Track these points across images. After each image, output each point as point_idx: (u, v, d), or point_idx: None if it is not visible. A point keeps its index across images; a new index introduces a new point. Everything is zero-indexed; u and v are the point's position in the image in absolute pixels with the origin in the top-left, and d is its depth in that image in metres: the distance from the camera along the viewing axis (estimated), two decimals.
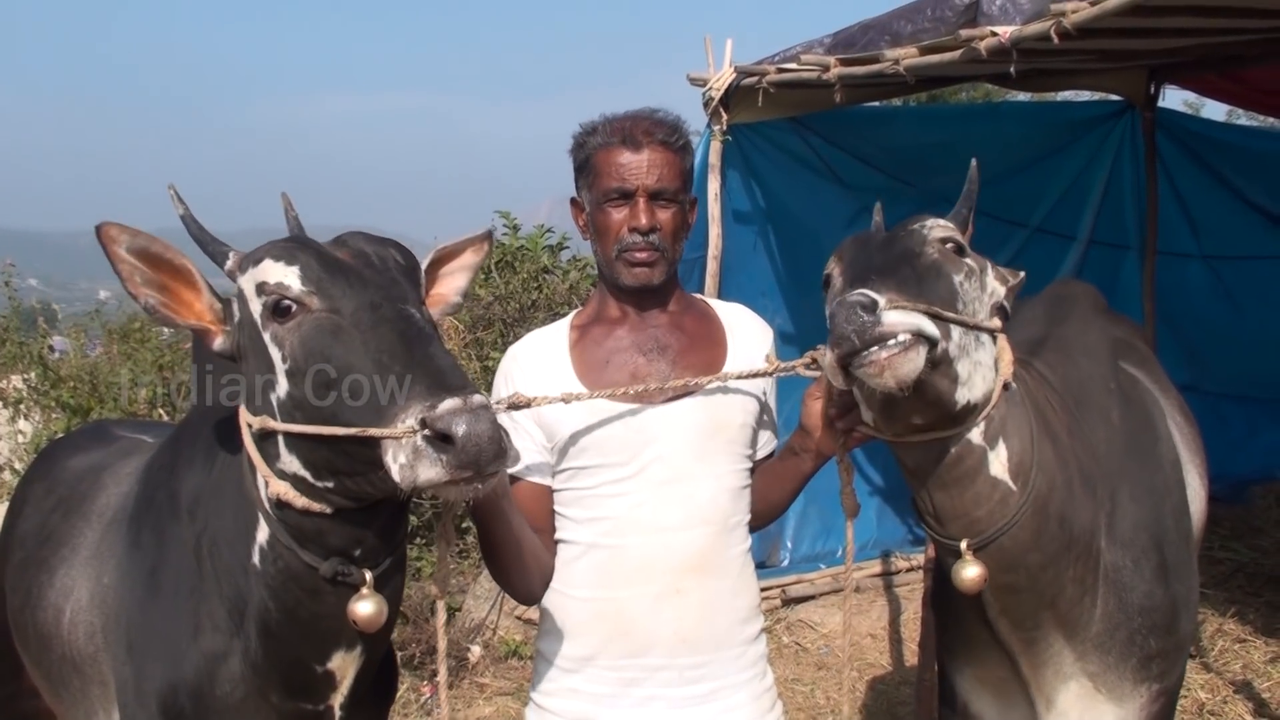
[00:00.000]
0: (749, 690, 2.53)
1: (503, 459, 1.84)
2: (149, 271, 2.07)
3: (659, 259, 2.49)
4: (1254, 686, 5.17)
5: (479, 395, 1.82)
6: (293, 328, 1.98)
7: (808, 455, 2.47)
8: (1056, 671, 2.60)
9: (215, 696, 2.25)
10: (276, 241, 2.08)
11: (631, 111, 2.55)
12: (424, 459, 1.80)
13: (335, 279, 1.99)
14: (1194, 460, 3.24)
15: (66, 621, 2.68)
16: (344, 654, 2.21)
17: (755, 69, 5.62)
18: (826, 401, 2.39)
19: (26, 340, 7.83)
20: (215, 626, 2.25)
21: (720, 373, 2.47)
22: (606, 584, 2.45)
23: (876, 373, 2.01)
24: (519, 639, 6.00)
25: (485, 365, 7.03)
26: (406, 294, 2.02)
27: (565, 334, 2.59)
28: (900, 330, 2.01)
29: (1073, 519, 2.44)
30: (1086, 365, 2.82)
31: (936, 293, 2.17)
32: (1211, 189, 7.30)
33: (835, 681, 5.69)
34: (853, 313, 2.00)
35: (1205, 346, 7.43)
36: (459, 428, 1.77)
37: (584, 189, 2.56)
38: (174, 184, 2.17)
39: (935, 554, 2.83)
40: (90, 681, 2.62)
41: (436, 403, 1.80)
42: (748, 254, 6.30)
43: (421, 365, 1.88)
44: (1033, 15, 4.25)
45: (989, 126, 7.05)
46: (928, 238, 2.29)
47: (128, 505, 2.63)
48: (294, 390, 1.99)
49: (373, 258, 2.06)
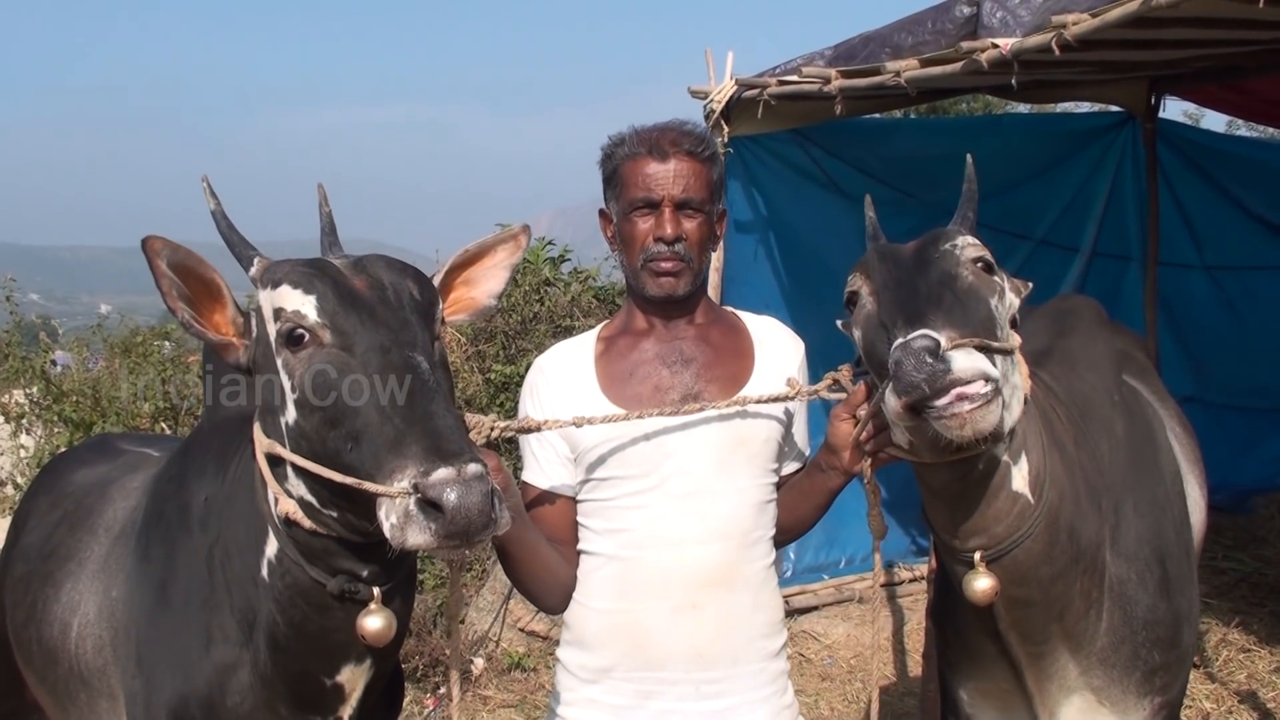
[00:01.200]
0: (768, 707, 2.50)
1: (492, 529, 1.85)
2: (184, 286, 2.07)
3: (684, 269, 2.48)
4: (1259, 696, 5.15)
5: (474, 464, 1.82)
6: (304, 359, 1.99)
7: (834, 473, 2.44)
8: (1061, 685, 2.59)
9: (226, 708, 2.26)
10: (297, 265, 2.07)
11: (660, 123, 2.55)
12: (414, 524, 1.81)
13: (350, 314, 1.98)
14: (1193, 471, 3.24)
15: (74, 635, 2.68)
16: (353, 667, 2.22)
17: (756, 81, 5.64)
18: (853, 422, 2.36)
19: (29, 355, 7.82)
20: (226, 638, 2.26)
21: (739, 396, 2.45)
22: (624, 596, 2.45)
23: (958, 425, 2.00)
24: (522, 651, 5.99)
25: (488, 379, 7.03)
26: (417, 338, 2.00)
27: (592, 345, 2.59)
28: (971, 376, 1.98)
29: (1080, 531, 2.44)
30: (1091, 378, 2.82)
31: (980, 322, 2.16)
32: (1213, 200, 7.31)
33: (839, 693, 5.69)
34: (921, 361, 1.97)
35: (1208, 357, 7.44)
36: (449, 498, 1.78)
37: (612, 200, 2.56)
38: (207, 176, 2.16)
39: (937, 565, 2.82)
40: (98, 695, 2.62)
41: (431, 469, 1.81)
42: (749, 265, 6.31)
43: (421, 424, 1.88)
44: (1033, 27, 4.27)
45: (990, 139, 7.05)
46: (960, 258, 2.26)
47: (136, 519, 2.63)
48: (301, 421, 2.00)
49: (389, 291, 2.04)
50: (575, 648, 2.52)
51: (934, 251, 2.27)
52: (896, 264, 2.27)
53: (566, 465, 2.52)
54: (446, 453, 1.83)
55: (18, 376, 7.72)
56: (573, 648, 2.53)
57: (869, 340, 2.26)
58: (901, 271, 2.24)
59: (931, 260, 2.26)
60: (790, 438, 2.60)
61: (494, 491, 1.84)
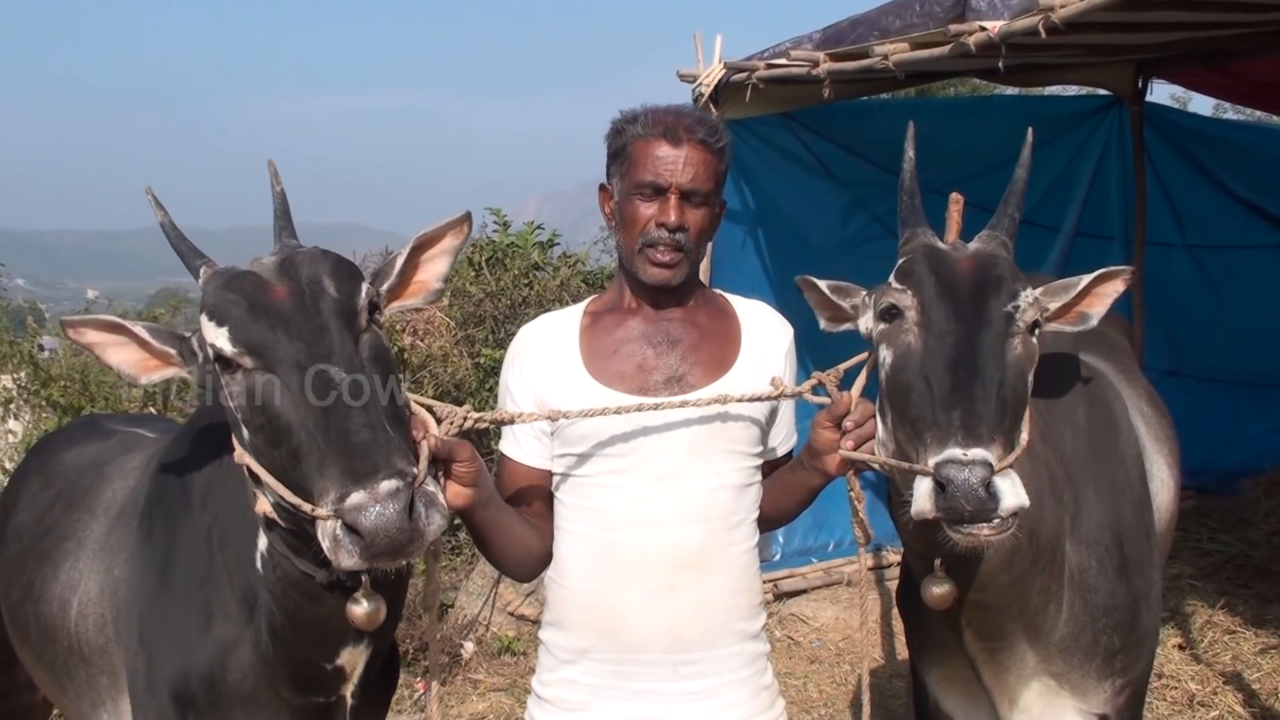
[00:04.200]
0: (747, 688, 2.50)
1: (419, 542, 1.87)
2: (113, 338, 2.20)
3: (681, 260, 2.46)
4: (1244, 678, 5.18)
5: (388, 481, 1.83)
6: (237, 382, 2.02)
7: (816, 474, 2.42)
8: (1019, 676, 2.60)
9: (227, 684, 2.29)
10: (217, 286, 2.07)
11: (675, 105, 2.52)
12: (342, 548, 1.85)
13: (264, 334, 1.99)
14: (1161, 450, 3.21)
15: (74, 614, 2.70)
16: (351, 649, 2.25)
17: (745, 65, 5.63)
18: (836, 430, 2.33)
19: (16, 339, 7.80)
20: (227, 616, 2.29)
21: (720, 394, 2.40)
22: (600, 577, 2.44)
23: (972, 544, 2.05)
24: (512, 635, 6.00)
25: (477, 362, 7.03)
26: (334, 345, 1.99)
27: (578, 319, 2.57)
28: (1012, 512, 2.01)
29: (1041, 531, 2.42)
30: (1055, 365, 2.75)
31: (1019, 407, 2.17)
32: (1196, 180, 7.36)
33: (828, 675, 5.71)
34: (974, 493, 1.98)
35: (1187, 333, 7.50)
36: (365, 522, 1.81)
37: (615, 176, 2.52)
38: (151, 187, 2.21)
39: (904, 555, 2.83)
40: (99, 672, 2.65)
41: (345, 493, 1.83)
42: (736, 251, 6.31)
43: (337, 444, 1.89)
44: (1020, 10, 4.27)
45: (977, 120, 7.04)
46: (1019, 326, 2.21)
47: (139, 500, 2.65)
48: (251, 438, 2.03)
49: (306, 297, 2.03)
50: (554, 628, 2.52)
51: (995, 308, 2.20)
52: (954, 307, 2.20)
53: (543, 439, 2.51)
54: (359, 474, 1.84)
55: (5, 361, 7.70)
56: (552, 628, 2.53)
57: (903, 377, 2.20)
58: (959, 327, 2.18)
59: (988, 308, 2.19)
60: (776, 421, 2.58)
61: (414, 502, 1.85)
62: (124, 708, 2.55)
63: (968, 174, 4.30)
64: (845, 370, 2.47)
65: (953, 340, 2.16)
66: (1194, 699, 5.04)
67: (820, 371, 2.43)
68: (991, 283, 2.22)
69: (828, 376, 2.42)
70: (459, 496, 2.21)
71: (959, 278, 2.24)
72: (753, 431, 2.50)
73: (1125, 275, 2.43)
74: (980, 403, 2.08)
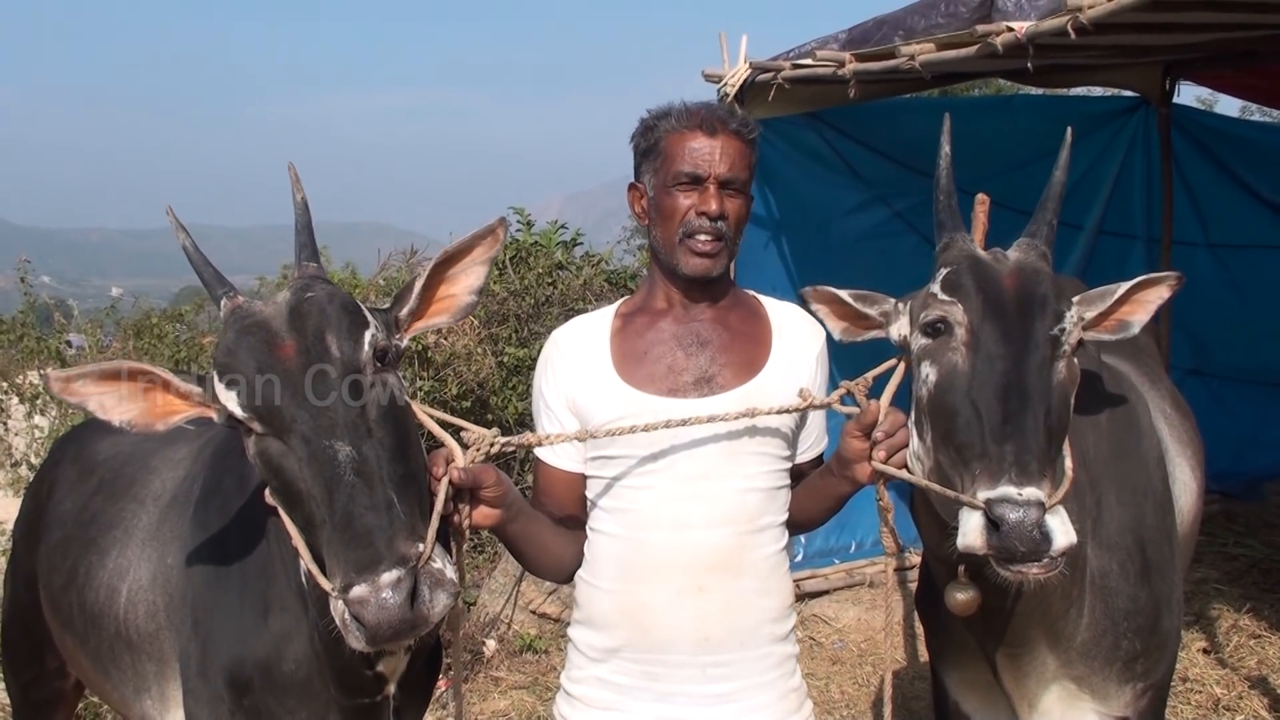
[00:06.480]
0: (775, 690, 2.48)
1: (424, 626, 1.89)
2: (119, 388, 2.10)
3: (722, 249, 2.47)
4: (1270, 682, 5.16)
5: (390, 572, 1.85)
6: (252, 444, 2.03)
7: (845, 481, 2.40)
8: (1040, 680, 2.59)
9: (283, 672, 2.34)
10: (228, 333, 2.05)
11: (702, 102, 2.55)
12: (350, 631, 1.88)
13: (271, 402, 1.98)
14: (1184, 452, 3.19)
15: (123, 600, 2.73)
16: (389, 658, 2.30)
17: (770, 65, 5.63)
18: (865, 440, 2.31)
19: (43, 336, 7.84)
20: (284, 608, 2.33)
21: (747, 408, 2.38)
22: (630, 578, 2.45)
23: (1019, 580, 2.07)
24: (534, 633, 6.02)
25: (500, 361, 7.04)
26: (339, 414, 1.97)
27: (609, 321, 2.58)
28: (1063, 552, 2.01)
29: None
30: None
31: (1063, 434, 2.18)
32: (1220, 181, 7.35)
33: (850, 676, 5.71)
34: (1027, 534, 1.98)
35: (1210, 333, 7.47)
36: (368, 616, 1.84)
37: (648, 173, 2.53)
38: (171, 207, 2.18)
39: (924, 558, 2.82)
40: (145, 658, 2.68)
41: (349, 584, 1.86)
42: (759, 251, 6.29)
43: (341, 529, 1.90)
44: (1048, 10, 4.25)
45: (1003, 119, 7.03)
46: (1065, 345, 2.20)
47: (192, 489, 2.69)
48: (272, 494, 2.06)
49: (312, 354, 2.00)
50: (584, 627, 2.54)
51: (1041, 331, 2.17)
52: (1003, 328, 2.17)
53: (575, 444, 2.52)
54: (361, 565, 1.86)
55: (32, 358, 7.74)
56: (582, 627, 2.54)
57: (950, 399, 2.18)
58: (1008, 351, 2.15)
59: (1038, 345, 2.16)
60: (806, 424, 2.57)
61: (417, 587, 1.87)
62: (169, 693, 2.58)
63: (991, 173, 4.29)
64: (874, 378, 2.45)
65: (1003, 366, 2.13)
66: (1219, 703, 5.01)
67: (848, 380, 2.40)
68: (1038, 302, 2.19)
69: (856, 385, 2.40)
70: (486, 518, 2.28)
71: (1005, 294, 2.20)
72: (782, 435, 2.50)
73: (1171, 281, 2.40)
74: (1031, 436, 2.06)
